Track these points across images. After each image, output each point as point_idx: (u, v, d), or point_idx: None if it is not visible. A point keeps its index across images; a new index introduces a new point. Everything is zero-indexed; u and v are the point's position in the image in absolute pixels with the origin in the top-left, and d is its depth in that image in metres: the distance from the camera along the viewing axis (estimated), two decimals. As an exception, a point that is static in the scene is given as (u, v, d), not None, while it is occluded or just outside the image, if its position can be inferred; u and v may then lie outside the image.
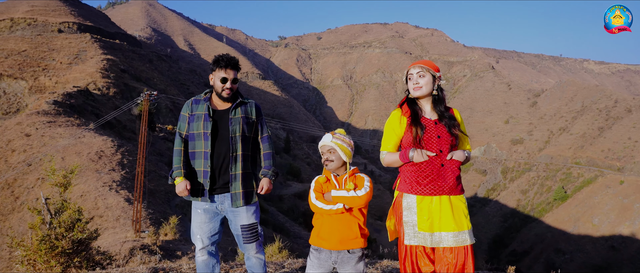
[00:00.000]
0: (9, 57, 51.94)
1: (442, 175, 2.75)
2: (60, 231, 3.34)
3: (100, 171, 21.52)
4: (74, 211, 3.48)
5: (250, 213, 3.20)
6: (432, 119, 2.83)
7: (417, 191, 2.78)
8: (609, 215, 62.81)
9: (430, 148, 2.76)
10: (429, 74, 2.81)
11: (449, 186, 2.74)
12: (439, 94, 2.86)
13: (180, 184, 3.13)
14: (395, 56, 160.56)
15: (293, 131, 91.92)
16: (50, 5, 73.66)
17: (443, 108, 2.84)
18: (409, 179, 2.83)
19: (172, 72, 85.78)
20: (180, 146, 3.21)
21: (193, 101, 3.26)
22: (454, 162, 2.77)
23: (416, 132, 2.78)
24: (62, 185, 3.55)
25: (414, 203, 2.77)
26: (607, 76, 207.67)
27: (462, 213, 2.75)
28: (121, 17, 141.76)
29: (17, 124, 28.49)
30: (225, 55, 3.19)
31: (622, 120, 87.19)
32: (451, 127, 2.80)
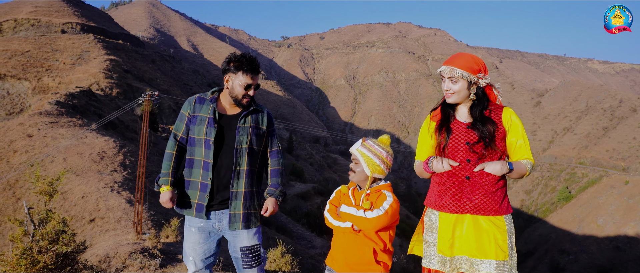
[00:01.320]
0: (12, 57, 52.06)
1: (466, 189, 2.29)
2: (43, 245, 3.07)
3: (102, 172, 21.45)
4: (59, 222, 3.23)
5: (252, 234, 2.79)
6: (464, 123, 2.38)
7: (439, 206, 2.37)
8: (613, 216, 62.44)
9: (455, 156, 2.33)
10: (463, 79, 2.33)
11: (474, 204, 2.27)
12: (480, 97, 2.38)
13: (165, 194, 2.72)
14: (398, 56, 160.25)
15: (296, 131, 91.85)
16: (54, 6, 73.87)
17: (478, 111, 2.36)
18: (433, 192, 2.45)
19: (175, 73, 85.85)
20: (172, 149, 2.78)
21: (197, 99, 2.82)
22: (484, 175, 2.27)
23: (440, 137, 2.39)
24: (47, 193, 3.33)
25: (436, 220, 2.39)
26: (611, 76, 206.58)
27: (492, 238, 2.25)
28: (124, 18, 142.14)
29: (20, 125, 28.49)
30: (249, 56, 2.74)
31: (626, 120, 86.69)
32: (482, 131, 2.30)
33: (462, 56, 2.38)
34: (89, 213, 17.28)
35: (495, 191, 2.29)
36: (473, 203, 2.28)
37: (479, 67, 2.34)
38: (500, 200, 2.30)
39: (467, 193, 2.29)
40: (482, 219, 2.28)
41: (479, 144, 2.30)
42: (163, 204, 2.74)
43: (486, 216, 2.28)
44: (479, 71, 2.34)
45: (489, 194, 2.28)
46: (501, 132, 2.32)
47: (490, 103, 2.41)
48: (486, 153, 2.30)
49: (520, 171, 2.28)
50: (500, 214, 2.29)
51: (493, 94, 2.42)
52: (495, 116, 2.35)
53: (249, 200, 2.76)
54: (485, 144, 2.29)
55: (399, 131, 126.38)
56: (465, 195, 2.29)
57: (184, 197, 2.77)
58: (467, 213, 2.29)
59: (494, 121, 2.33)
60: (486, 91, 2.40)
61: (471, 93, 2.36)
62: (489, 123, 2.32)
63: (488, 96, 2.41)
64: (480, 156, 2.30)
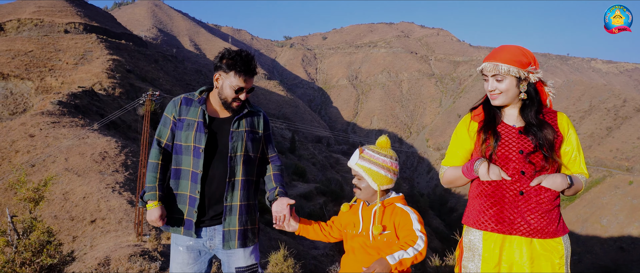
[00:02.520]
0: (15, 57, 52.17)
1: (520, 207, 1.92)
2: (27, 256, 2.88)
3: (104, 172, 21.41)
4: (43, 232, 3.03)
5: (249, 252, 2.46)
6: (515, 127, 2.01)
7: (483, 225, 1.98)
8: (617, 216, 62.14)
9: (506, 167, 1.95)
10: (510, 76, 1.96)
11: (530, 225, 1.91)
12: (532, 95, 2.00)
13: (154, 211, 2.35)
14: (401, 56, 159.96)
15: (298, 131, 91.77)
16: (57, 6, 74.02)
17: (533, 114, 1.98)
18: (474, 207, 2.05)
19: (178, 73, 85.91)
20: (157, 158, 2.41)
21: (183, 100, 2.46)
22: (542, 191, 1.92)
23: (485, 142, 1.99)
24: (33, 200, 3.15)
25: (479, 241, 1.99)
26: (615, 75, 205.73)
27: (549, 264, 1.92)
28: (127, 18, 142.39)
29: (22, 125, 28.52)
30: (245, 54, 2.38)
31: (630, 120, 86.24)
32: (541, 139, 1.93)
33: (506, 48, 2.01)
34: (90, 214, 17.23)
35: (553, 209, 1.95)
36: (530, 224, 1.91)
37: (528, 59, 1.97)
38: (557, 219, 1.96)
39: (521, 211, 1.92)
40: (537, 242, 1.93)
41: (535, 153, 1.94)
42: (152, 223, 2.38)
43: (543, 239, 1.93)
44: (529, 64, 1.97)
45: (546, 213, 1.92)
46: (559, 140, 1.98)
47: (543, 106, 2.05)
48: (546, 165, 1.94)
49: (577, 187, 1.96)
50: (558, 235, 1.95)
51: (544, 93, 2.05)
52: (550, 120, 2.00)
53: (245, 215, 2.43)
54: (544, 154, 1.93)
55: (402, 131, 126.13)
56: (520, 214, 1.92)
57: (172, 213, 2.43)
58: (521, 235, 1.93)
59: (552, 126, 1.97)
60: (538, 88, 2.03)
61: (521, 92, 2.00)
62: (547, 128, 1.96)
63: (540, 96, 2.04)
64: (539, 167, 1.93)
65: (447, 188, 43.15)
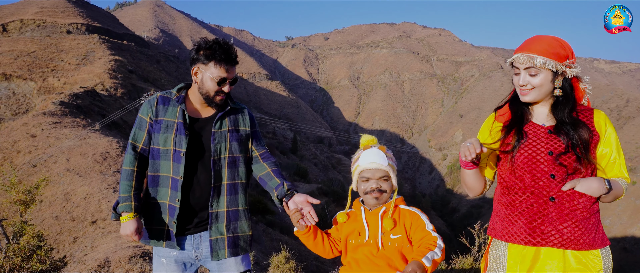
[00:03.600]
0: (18, 58, 52.32)
1: (551, 214, 1.72)
2: (16, 262, 2.77)
3: (105, 172, 21.40)
4: (33, 237, 2.92)
5: (240, 260, 2.26)
6: (544, 126, 1.81)
7: (510, 237, 1.79)
8: (620, 217, 61.93)
9: (534, 170, 1.75)
10: (546, 70, 1.75)
11: (563, 235, 1.70)
12: (568, 92, 1.80)
13: (128, 224, 2.10)
14: (403, 56, 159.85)
15: (300, 131, 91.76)
16: (59, 6, 74.21)
17: (567, 112, 1.78)
18: (499, 216, 1.87)
19: (180, 73, 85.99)
20: (132, 165, 2.17)
21: (159, 99, 2.24)
22: (576, 196, 1.72)
23: (504, 141, 1.83)
24: (23, 203, 3.05)
25: (505, 255, 1.80)
26: (618, 75, 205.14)
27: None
28: (129, 18, 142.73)
29: (23, 125, 28.57)
30: (223, 42, 2.18)
31: (633, 120, 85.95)
32: (574, 139, 1.73)
33: (541, 39, 1.78)
34: (92, 214, 17.21)
35: (590, 217, 1.73)
36: (562, 234, 1.71)
37: (566, 52, 1.77)
38: (595, 229, 1.74)
39: (552, 219, 1.72)
40: (571, 254, 1.72)
41: (567, 154, 1.74)
42: (126, 237, 2.12)
43: (578, 251, 1.72)
44: (567, 57, 1.77)
45: (581, 221, 1.71)
46: (595, 140, 1.78)
47: (578, 104, 1.86)
48: (580, 167, 1.73)
49: (617, 193, 1.74)
50: (596, 247, 1.73)
51: (580, 90, 1.85)
52: (585, 119, 1.81)
53: (234, 221, 2.22)
54: (578, 155, 1.72)
55: (403, 132, 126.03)
56: (550, 222, 1.72)
57: (151, 224, 2.20)
58: (553, 246, 1.72)
59: (587, 125, 1.77)
60: (573, 84, 1.83)
61: (556, 88, 1.79)
62: (582, 127, 1.75)
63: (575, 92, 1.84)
64: (571, 170, 1.73)
65: (449, 189, 42.84)
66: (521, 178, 1.79)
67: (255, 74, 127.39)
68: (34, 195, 3.11)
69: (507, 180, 1.85)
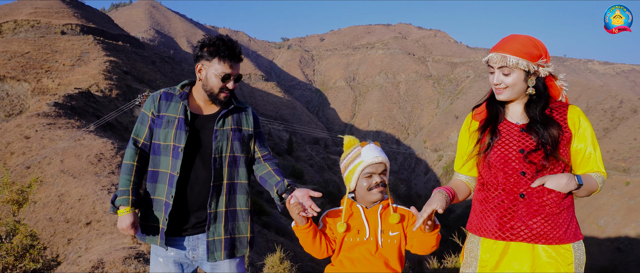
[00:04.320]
0: (12, 59, 52.00)
1: (520, 210, 1.77)
2: (9, 261, 2.78)
3: (100, 174, 21.28)
4: (26, 236, 2.92)
5: (235, 265, 2.24)
6: (517, 125, 1.85)
7: (481, 231, 1.86)
8: (614, 217, 62.33)
9: (505, 167, 1.80)
10: (518, 70, 1.78)
11: (532, 230, 1.75)
12: (541, 91, 1.83)
13: (125, 218, 2.10)
14: (398, 57, 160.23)
15: (296, 132, 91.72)
16: (54, 7, 73.86)
17: (539, 109, 1.82)
18: (475, 212, 1.94)
19: (175, 74, 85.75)
20: (132, 159, 2.17)
21: (163, 95, 2.25)
22: (545, 192, 1.76)
23: (479, 141, 1.88)
24: (16, 202, 3.05)
25: (478, 249, 1.87)
26: (611, 77, 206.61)
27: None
28: (124, 19, 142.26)
29: (17, 126, 28.38)
30: (227, 39, 2.18)
31: (627, 120, 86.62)
32: (542, 136, 1.77)
33: (515, 38, 1.81)
34: (86, 216, 17.11)
35: (560, 212, 1.78)
36: (531, 229, 1.76)
37: (539, 51, 1.79)
38: (567, 224, 1.79)
39: (521, 215, 1.77)
40: (541, 249, 1.77)
41: (537, 152, 1.78)
42: (122, 231, 2.11)
43: (549, 245, 1.77)
44: (540, 57, 1.79)
45: (551, 216, 1.77)
46: (566, 136, 1.80)
47: (551, 100, 1.88)
48: (547, 164, 1.77)
49: (590, 188, 1.77)
50: (567, 241, 1.77)
51: (555, 87, 1.88)
52: (559, 116, 1.83)
53: (232, 222, 2.19)
54: (546, 152, 1.76)
55: (399, 133, 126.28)
56: (519, 218, 1.78)
57: (148, 220, 2.18)
58: (522, 241, 1.78)
59: (558, 122, 1.80)
60: (547, 83, 1.87)
61: (529, 86, 1.82)
62: (552, 125, 1.78)
63: (549, 90, 1.87)
64: (539, 167, 1.77)
65: (445, 189, 42.33)
66: (495, 175, 1.84)
67: (251, 75, 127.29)
68: (27, 194, 3.11)
69: (483, 176, 1.91)
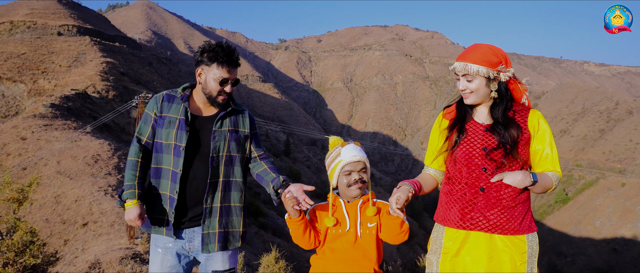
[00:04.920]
0: (8, 60, 51.82)
1: (479, 203, 1.94)
2: (10, 257, 2.89)
3: (96, 175, 21.27)
4: (26, 232, 3.02)
5: (227, 256, 2.40)
6: (482, 125, 2.03)
7: (446, 220, 2.04)
8: (610, 218, 62.56)
9: (469, 163, 1.98)
10: (480, 77, 1.96)
11: (491, 222, 1.92)
12: (503, 94, 2.01)
13: (132, 210, 2.26)
14: (396, 59, 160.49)
15: (293, 134, 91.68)
16: (50, 8, 73.62)
17: (501, 111, 2.00)
18: (441, 204, 2.13)
19: (172, 75, 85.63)
20: (137, 156, 2.34)
21: (165, 97, 2.40)
22: (503, 187, 1.93)
23: (448, 139, 2.05)
24: (17, 201, 3.14)
25: (442, 236, 2.05)
26: (607, 78, 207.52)
27: (508, 260, 1.92)
28: (121, 20, 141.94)
29: (13, 128, 28.30)
30: (226, 45, 2.35)
31: (623, 122, 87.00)
32: (503, 136, 1.94)
33: (477, 48, 2.01)
34: (82, 217, 17.11)
35: (515, 206, 1.95)
36: (488, 220, 1.93)
37: (498, 58, 1.97)
38: (521, 217, 1.96)
39: (480, 207, 1.94)
40: (498, 238, 1.94)
41: (498, 150, 1.95)
42: (129, 222, 2.28)
43: (504, 235, 1.94)
44: (499, 63, 1.97)
45: (507, 209, 1.94)
46: (525, 137, 1.98)
47: (515, 103, 2.06)
48: (506, 162, 1.94)
49: (545, 185, 1.95)
50: (521, 233, 1.95)
51: (518, 91, 2.06)
52: (520, 118, 2.01)
53: (226, 217, 2.36)
54: (505, 151, 1.94)
55: (396, 134, 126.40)
56: (479, 210, 1.94)
57: (153, 213, 2.36)
58: (480, 230, 1.94)
59: (518, 124, 1.98)
60: (509, 87, 2.04)
61: (492, 90, 2.00)
62: (513, 126, 1.96)
63: (512, 94, 2.05)
64: (498, 164, 1.94)
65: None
66: (460, 170, 2.02)
67: (248, 76, 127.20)
68: (26, 193, 3.20)
69: (450, 171, 2.09)
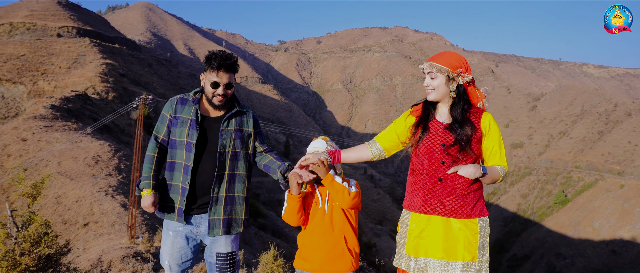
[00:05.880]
0: (7, 61, 51.88)
1: (437, 191, 2.26)
2: (26, 247, 3.12)
3: (97, 176, 21.36)
4: (41, 225, 3.25)
5: (230, 240, 2.72)
6: (443, 123, 2.33)
7: (410, 206, 2.37)
8: (609, 219, 62.61)
9: (430, 157, 2.29)
10: (441, 74, 2.29)
11: (446, 207, 2.25)
12: (460, 95, 2.32)
13: (147, 198, 2.63)
14: (395, 60, 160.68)
15: (293, 135, 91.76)
16: (50, 9, 73.68)
17: (459, 111, 2.30)
18: (407, 192, 2.44)
19: (172, 77, 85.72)
20: (153, 151, 2.69)
21: (179, 100, 2.73)
22: (457, 178, 2.25)
23: (413, 135, 2.36)
24: (31, 196, 3.35)
25: (407, 220, 2.37)
26: (606, 80, 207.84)
27: (462, 240, 2.23)
28: (121, 22, 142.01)
29: (14, 129, 28.37)
30: (220, 52, 2.63)
31: (621, 124, 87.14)
32: (459, 134, 2.25)
33: (445, 53, 2.34)
34: (83, 217, 17.19)
35: (468, 194, 2.27)
36: (445, 206, 2.26)
37: (460, 64, 2.30)
38: (473, 203, 2.29)
39: (438, 195, 2.26)
40: (453, 221, 2.26)
41: (454, 146, 2.26)
42: (145, 208, 2.67)
43: (459, 219, 2.26)
44: (459, 68, 2.29)
45: (461, 197, 2.26)
46: (478, 136, 2.30)
47: (472, 106, 2.36)
48: (461, 157, 2.27)
49: (493, 177, 2.28)
50: (474, 217, 2.27)
51: (476, 97, 2.37)
52: (474, 119, 2.32)
53: (230, 205, 2.68)
54: (460, 147, 2.25)
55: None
56: (436, 197, 2.26)
57: (166, 201, 2.69)
58: (438, 214, 2.27)
59: (473, 123, 2.28)
60: (468, 92, 2.35)
61: (451, 91, 2.31)
62: (468, 125, 2.27)
63: (469, 98, 2.36)
64: (454, 159, 2.26)
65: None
66: (422, 162, 2.33)
67: (247, 77, 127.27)
68: (40, 189, 3.41)
69: (414, 163, 2.40)
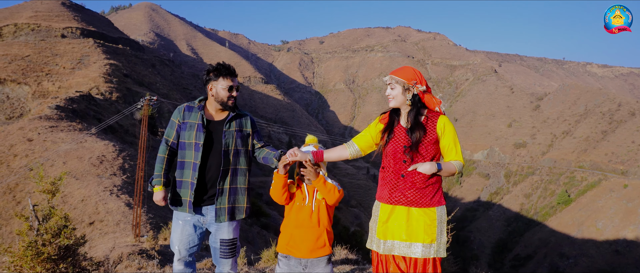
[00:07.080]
0: (12, 62, 52.26)
1: (400, 185, 2.70)
2: (47, 238, 3.52)
3: (102, 175, 21.57)
4: (61, 218, 3.63)
5: (232, 228, 3.16)
6: (404, 127, 2.76)
7: (380, 198, 2.82)
8: (613, 219, 62.49)
9: (395, 157, 2.73)
10: (398, 85, 2.72)
11: (407, 198, 2.69)
12: (415, 103, 2.73)
13: (158, 193, 3.11)
14: (398, 60, 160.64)
15: (295, 135, 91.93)
16: (54, 10, 74.10)
17: (413, 116, 2.71)
18: (379, 185, 2.89)
19: (175, 77, 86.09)
20: (164, 153, 3.15)
21: (186, 107, 3.18)
22: (416, 174, 2.67)
23: (381, 139, 2.79)
24: (50, 192, 3.68)
25: (377, 209, 2.82)
26: (610, 80, 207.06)
27: (422, 225, 2.66)
28: (124, 22, 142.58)
29: (19, 129, 28.64)
30: (223, 63, 3.15)
31: (625, 123, 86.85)
32: (414, 137, 2.67)
33: (404, 68, 2.78)
34: (89, 216, 17.40)
35: (426, 187, 2.70)
36: (407, 197, 2.69)
37: (415, 77, 2.73)
38: (432, 195, 2.72)
39: (401, 188, 2.69)
40: (414, 210, 2.69)
41: (412, 147, 2.68)
42: (156, 202, 3.11)
43: (419, 207, 2.69)
44: (414, 80, 2.72)
45: (420, 189, 2.69)
46: (433, 137, 2.71)
47: (429, 110, 2.77)
48: (419, 156, 2.69)
49: (449, 170, 2.69)
50: (432, 206, 2.71)
51: (432, 102, 2.77)
52: (431, 122, 2.73)
53: (233, 195, 3.13)
54: (411, 148, 2.68)
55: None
56: (400, 190, 2.70)
57: (177, 195, 3.11)
58: (401, 204, 2.70)
59: (424, 127, 2.70)
60: (425, 100, 2.76)
61: (407, 99, 2.72)
62: (420, 129, 2.69)
63: (425, 104, 2.77)
64: (414, 157, 2.69)
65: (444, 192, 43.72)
66: (389, 161, 2.77)
67: (250, 77, 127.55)
68: (58, 186, 3.75)
69: (384, 162, 2.83)
